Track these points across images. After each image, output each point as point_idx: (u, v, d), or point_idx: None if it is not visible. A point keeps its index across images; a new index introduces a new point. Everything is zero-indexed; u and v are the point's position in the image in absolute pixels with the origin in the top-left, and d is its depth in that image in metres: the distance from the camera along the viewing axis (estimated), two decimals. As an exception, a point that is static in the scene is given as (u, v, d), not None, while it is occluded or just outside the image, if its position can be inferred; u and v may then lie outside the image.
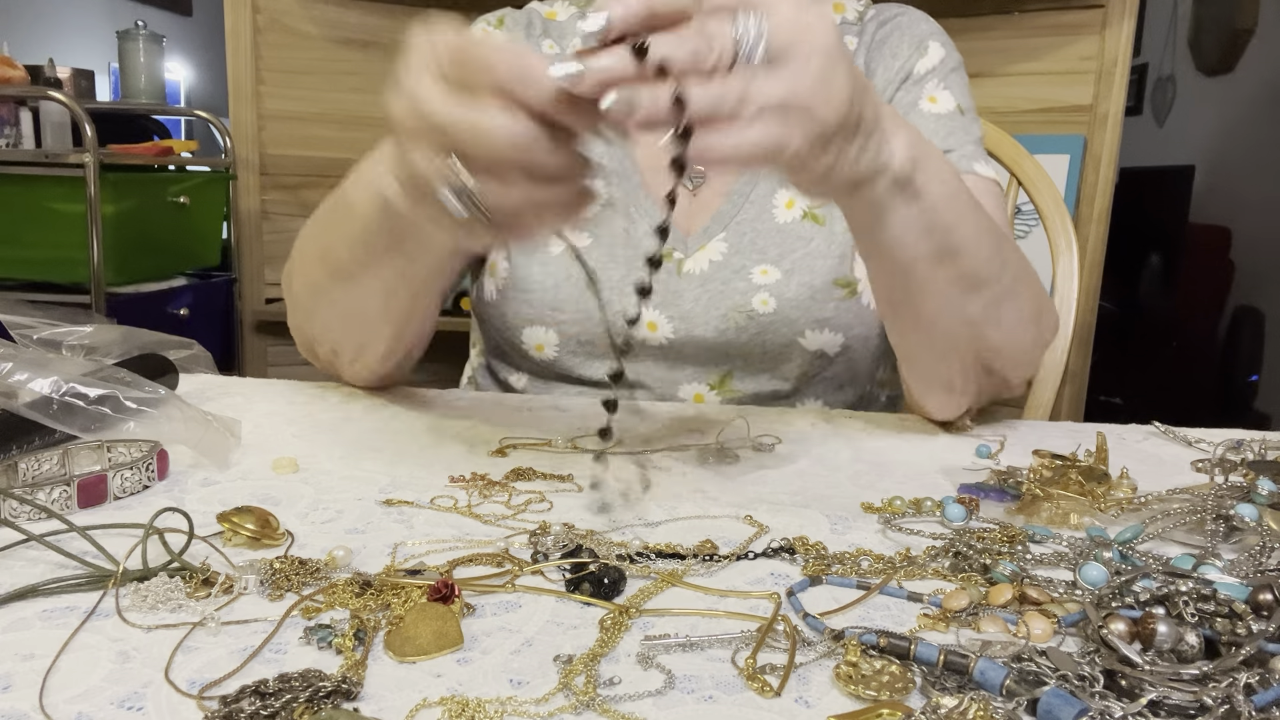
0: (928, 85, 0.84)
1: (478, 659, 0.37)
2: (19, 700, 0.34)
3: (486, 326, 0.92)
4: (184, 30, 5.56)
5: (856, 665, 0.36)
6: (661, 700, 0.34)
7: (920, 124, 0.82)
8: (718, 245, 0.84)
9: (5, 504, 0.49)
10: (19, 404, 0.57)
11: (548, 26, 0.93)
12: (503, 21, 0.93)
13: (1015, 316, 0.68)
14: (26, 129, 2.19)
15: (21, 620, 0.40)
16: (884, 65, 0.86)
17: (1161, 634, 0.35)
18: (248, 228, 2.33)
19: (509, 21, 0.93)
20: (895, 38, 0.86)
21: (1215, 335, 3.51)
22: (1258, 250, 3.42)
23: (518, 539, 0.49)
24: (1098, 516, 0.53)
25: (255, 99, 2.21)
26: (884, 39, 0.86)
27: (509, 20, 0.93)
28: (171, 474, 0.58)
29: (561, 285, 0.84)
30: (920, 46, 0.85)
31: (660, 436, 0.70)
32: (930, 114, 0.83)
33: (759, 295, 0.82)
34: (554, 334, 0.85)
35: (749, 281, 0.83)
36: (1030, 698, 0.32)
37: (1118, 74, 1.73)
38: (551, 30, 0.93)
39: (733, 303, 0.83)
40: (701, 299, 0.84)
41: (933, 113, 0.83)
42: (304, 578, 0.43)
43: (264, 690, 0.33)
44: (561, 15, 0.94)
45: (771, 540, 0.49)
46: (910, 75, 0.85)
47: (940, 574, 0.46)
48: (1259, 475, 0.56)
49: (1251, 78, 3.53)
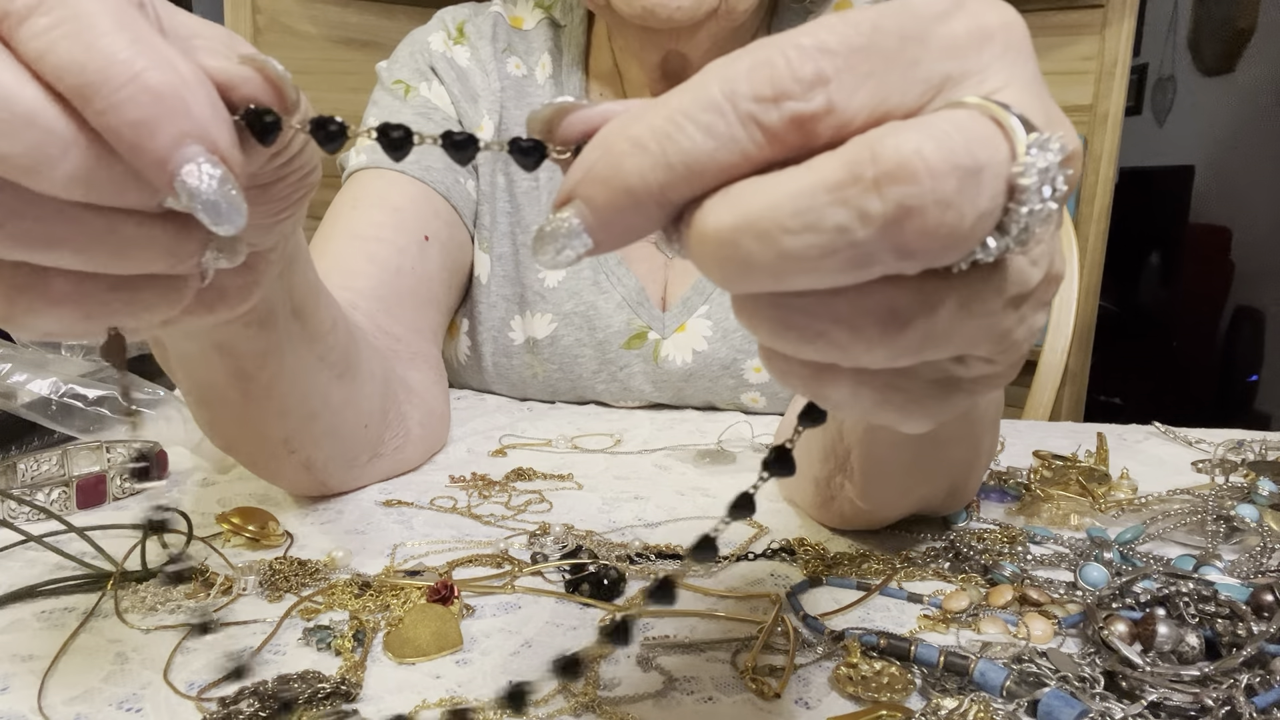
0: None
1: (477, 660, 0.37)
2: (17, 701, 0.34)
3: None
4: (184, 30, 5.55)
5: (856, 666, 0.35)
6: (661, 701, 0.34)
7: None
8: (700, 325, 0.75)
9: (4, 504, 0.49)
10: (18, 405, 0.57)
11: (512, 39, 0.79)
12: (463, 31, 0.79)
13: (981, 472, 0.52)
14: (26, 129, 2.19)
15: (20, 621, 0.40)
16: None
17: (1162, 635, 0.34)
18: (247, 228, 2.33)
19: (471, 31, 0.79)
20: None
21: (1215, 335, 3.51)
22: (1258, 250, 3.42)
23: (517, 540, 0.49)
24: (1098, 517, 0.53)
25: (255, 99, 2.21)
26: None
27: (470, 28, 0.79)
28: (171, 474, 0.58)
29: (528, 382, 0.78)
30: None
31: (660, 437, 0.70)
32: None
33: (749, 393, 0.76)
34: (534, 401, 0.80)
35: (740, 379, 0.75)
36: (1030, 699, 0.32)
37: (1118, 74, 1.73)
38: (517, 44, 0.79)
39: (722, 398, 0.77)
40: (685, 391, 0.77)
41: None
42: (303, 579, 0.43)
43: (263, 691, 0.33)
44: (529, 23, 0.80)
45: (771, 541, 0.49)
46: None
47: (940, 575, 0.46)
48: (1259, 475, 0.56)
49: (1251, 78, 3.53)
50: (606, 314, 0.75)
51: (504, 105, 0.77)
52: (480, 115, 0.76)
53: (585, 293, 0.75)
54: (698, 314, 0.75)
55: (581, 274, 0.75)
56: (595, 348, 0.76)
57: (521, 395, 0.80)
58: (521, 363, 0.77)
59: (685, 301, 0.76)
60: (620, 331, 0.75)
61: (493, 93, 0.77)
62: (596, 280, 0.76)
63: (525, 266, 0.76)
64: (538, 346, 0.76)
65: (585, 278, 0.76)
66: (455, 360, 0.82)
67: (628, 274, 0.76)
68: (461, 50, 0.78)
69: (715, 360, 0.74)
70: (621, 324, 0.75)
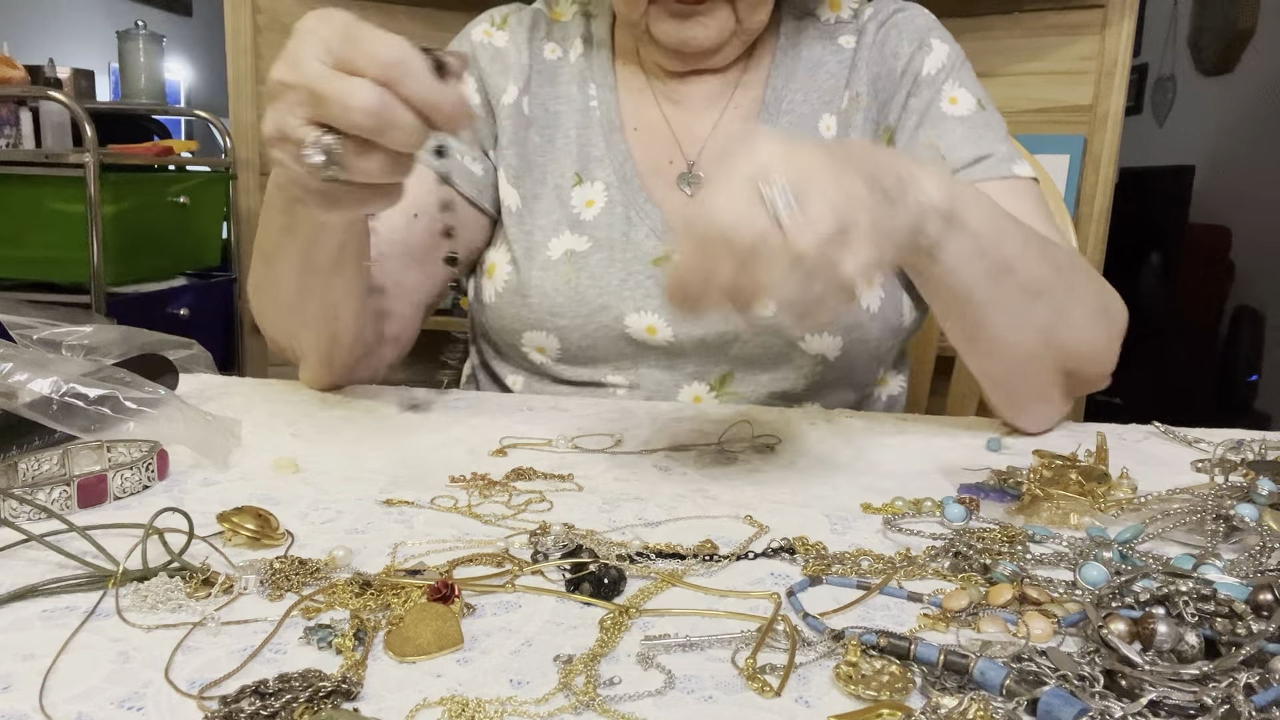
0: (944, 86, 0.83)
1: (478, 659, 0.37)
2: (19, 700, 0.34)
3: (485, 328, 0.92)
4: (184, 30, 5.56)
5: (856, 665, 0.36)
6: (661, 700, 0.34)
7: (948, 129, 0.82)
8: None
9: (5, 504, 0.49)
10: (19, 404, 0.57)
11: (551, 29, 0.92)
12: (506, 20, 0.92)
13: (1082, 314, 0.69)
14: (27, 129, 2.19)
15: (21, 620, 0.40)
16: (886, 67, 0.85)
17: (1161, 634, 0.35)
18: (248, 228, 2.33)
19: (513, 20, 0.92)
20: (894, 36, 0.85)
21: (1215, 335, 3.51)
22: (1258, 250, 3.42)
23: (518, 539, 0.49)
24: (1098, 516, 0.53)
25: (255, 99, 2.21)
26: (884, 39, 0.86)
27: (513, 19, 0.92)
28: (171, 474, 0.58)
29: (560, 290, 0.84)
30: (923, 44, 0.84)
31: (660, 437, 0.70)
32: (955, 117, 0.82)
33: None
34: (554, 339, 0.85)
35: None
36: (1030, 698, 0.32)
37: (1118, 74, 1.73)
38: (554, 32, 0.92)
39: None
40: None
41: (956, 115, 0.82)
42: (304, 578, 0.43)
43: (264, 690, 0.33)
44: (566, 15, 0.93)
45: (771, 540, 0.49)
46: (919, 77, 0.84)
47: (940, 574, 0.46)
48: (1259, 475, 0.55)
49: (1251, 78, 3.53)
50: (636, 241, 0.85)
51: (530, 79, 0.90)
52: (508, 83, 0.89)
53: (618, 224, 0.85)
54: None
55: (615, 209, 0.86)
56: (625, 265, 0.84)
57: (551, 310, 0.84)
58: (558, 274, 0.84)
59: None
60: (649, 252, 0.85)
61: (522, 66, 0.90)
62: (628, 214, 0.85)
63: (563, 200, 0.87)
64: (574, 257, 0.84)
65: (618, 213, 0.85)
66: (491, 297, 0.88)
67: (655, 210, 0.85)
68: (501, 34, 0.91)
69: None
70: (650, 248, 0.84)
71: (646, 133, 0.88)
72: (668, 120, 0.88)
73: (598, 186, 0.86)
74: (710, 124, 0.88)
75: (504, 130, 0.89)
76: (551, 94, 0.90)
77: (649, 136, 0.88)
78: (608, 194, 0.86)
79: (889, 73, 0.85)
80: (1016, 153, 0.82)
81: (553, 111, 0.89)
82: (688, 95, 0.88)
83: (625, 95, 0.89)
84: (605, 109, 0.88)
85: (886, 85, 0.85)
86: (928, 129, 0.82)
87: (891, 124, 0.85)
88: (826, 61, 0.87)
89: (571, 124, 0.88)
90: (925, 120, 0.83)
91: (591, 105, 0.89)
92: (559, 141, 0.89)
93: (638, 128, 0.88)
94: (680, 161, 0.87)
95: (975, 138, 0.81)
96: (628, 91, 0.90)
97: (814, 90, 0.87)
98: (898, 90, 0.84)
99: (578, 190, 0.87)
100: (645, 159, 0.87)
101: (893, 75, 0.85)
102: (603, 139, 0.88)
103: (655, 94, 0.89)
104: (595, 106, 0.89)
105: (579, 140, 0.88)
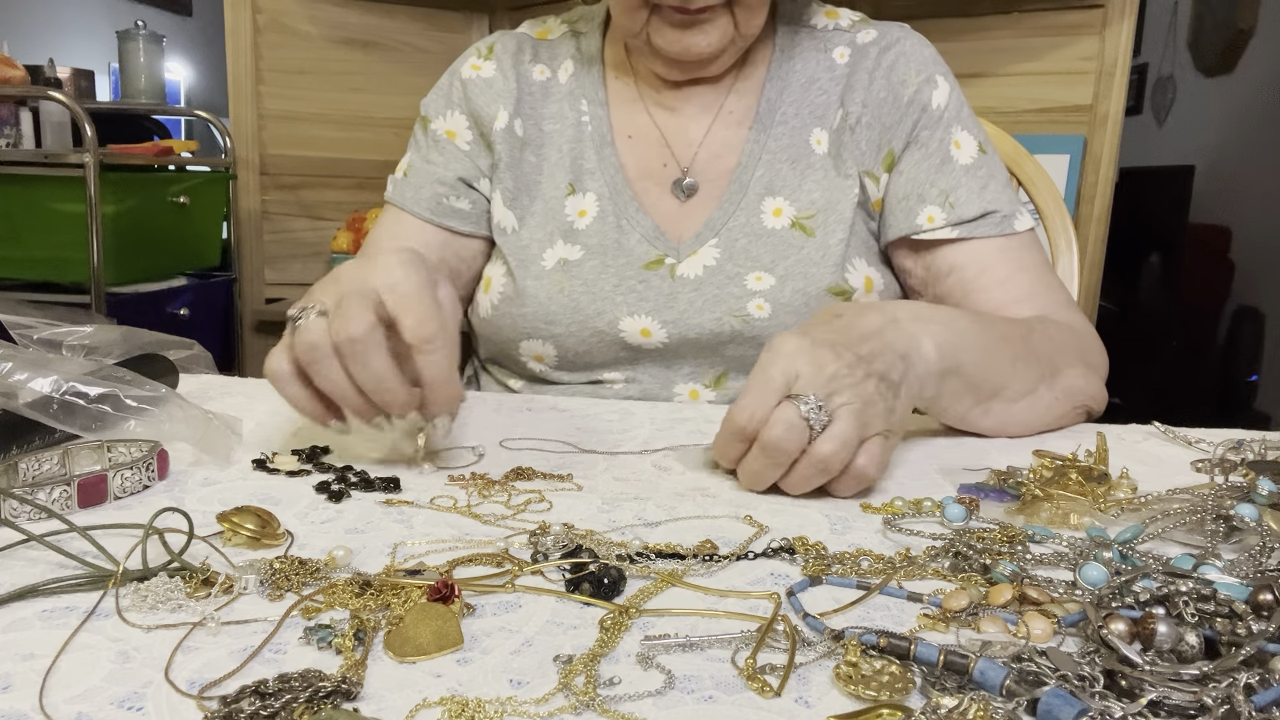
0: (952, 128, 0.85)
1: (478, 659, 0.37)
2: (19, 700, 0.34)
3: (483, 339, 0.93)
4: (184, 30, 5.56)
5: (856, 665, 0.36)
6: (661, 700, 0.34)
7: (956, 180, 0.84)
8: (710, 251, 0.86)
9: (5, 504, 0.49)
10: (19, 404, 0.57)
11: (538, 50, 0.94)
12: (492, 50, 0.93)
13: (1076, 380, 0.75)
14: (26, 129, 2.19)
15: (21, 620, 0.40)
16: (893, 93, 0.86)
17: (1161, 634, 0.35)
18: (248, 228, 2.33)
19: (498, 49, 0.93)
20: (902, 64, 0.87)
21: (1215, 335, 3.51)
22: (1258, 250, 3.42)
23: (517, 539, 0.49)
24: (1098, 516, 0.53)
25: (255, 99, 2.21)
26: (892, 65, 0.87)
27: (498, 47, 0.93)
28: (171, 474, 0.58)
29: (555, 298, 0.85)
30: (930, 79, 0.86)
31: (660, 437, 0.70)
32: (961, 166, 0.84)
33: (754, 300, 0.83)
34: (551, 346, 0.86)
35: (744, 287, 0.84)
36: (1030, 698, 0.32)
37: (1118, 74, 1.73)
38: (542, 53, 0.93)
39: (728, 307, 0.84)
40: (696, 302, 0.84)
41: (962, 164, 0.84)
42: (304, 578, 0.43)
43: (264, 690, 0.33)
44: (554, 34, 0.95)
45: (771, 540, 0.49)
46: (926, 108, 0.85)
47: (940, 574, 0.46)
48: (1259, 475, 0.55)
49: (1251, 78, 3.53)
50: (629, 247, 0.86)
51: (520, 101, 0.92)
52: (499, 109, 0.91)
53: (610, 232, 0.87)
54: (709, 244, 0.86)
55: (606, 218, 0.87)
56: (618, 270, 0.86)
57: (545, 319, 0.86)
58: (551, 283, 0.86)
59: (697, 235, 0.87)
60: (641, 257, 0.87)
61: (510, 91, 0.91)
62: (620, 223, 0.87)
63: (555, 212, 0.89)
64: (568, 266, 0.86)
65: (610, 221, 0.87)
66: (488, 310, 0.89)
67: (645, 218, 0.87)
68: (489, 65, 0.93)
69: (722, 272, 0.85)
70: (642, 253, 0.87)
71: (640, 139, 0.90)
72: (660, 127, 0.90)
73: (590, 197, 0.88)
74: (703, 129, 0.89)
75: (500, 156, 0.90)
76: (543, 113, 0.92)
77: (642, 142, 0.89)
78: (599, 204, 0.87)
79: (894, 99, 0.86)
80: (1017, 204, 0.85)
81: (545, 130, 0.91)
82: (681, 103, 0.90)
83: (616, 107, 0.91)
84: (597, 123, 0.90)
85: (892, 110, 0.86)
86: (936, 176, 0.84)
87: (896, 149, 0.86)
88: (819, 77, 0.89)
89: (564, 139, 0.90)
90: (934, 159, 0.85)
91: (583, 120, 0.90)
92: (552, 157, 0.90)
93: (631, 135, 0.90)
94: (674, 166, 0.88)
95: (980, 189, 0.84)
96: (619, 103, 0.91)
97: (805, 104, 0.88)
98: (904, 117, 0.86)
99: (571, 200, 0.88)
100: (638, 165, 0.88)
101: (899, 102, 0.86)
102: (594, 151, 0.89)
103: (647, 103, 0.90)
104: (587, 121, 0.90)
105: (571, 154, 0.90)
